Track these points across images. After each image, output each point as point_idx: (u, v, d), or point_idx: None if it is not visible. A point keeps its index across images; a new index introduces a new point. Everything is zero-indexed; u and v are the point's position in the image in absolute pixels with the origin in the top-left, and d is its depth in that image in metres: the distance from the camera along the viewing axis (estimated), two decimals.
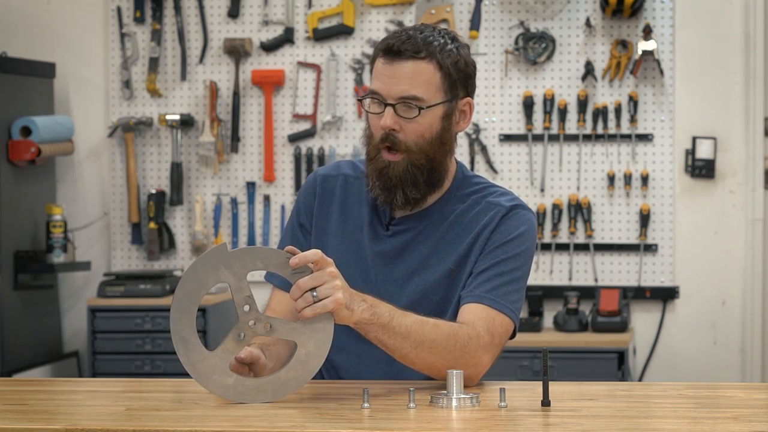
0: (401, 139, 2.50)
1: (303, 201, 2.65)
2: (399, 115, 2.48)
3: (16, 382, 2.67)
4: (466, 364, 2.39)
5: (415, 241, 2.55)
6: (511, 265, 2.51)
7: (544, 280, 5.18)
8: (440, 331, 2.38)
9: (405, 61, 2.48)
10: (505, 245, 2.52)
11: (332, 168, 2.67)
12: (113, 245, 5.42)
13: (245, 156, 5.34)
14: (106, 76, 5.42)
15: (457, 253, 2.53)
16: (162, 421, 2.08)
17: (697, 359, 5.12)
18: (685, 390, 2.41)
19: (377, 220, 2.58)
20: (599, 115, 5.14)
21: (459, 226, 2.55)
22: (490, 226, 2.53)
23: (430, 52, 2.48)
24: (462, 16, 5.21)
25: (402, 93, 2.48)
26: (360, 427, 2.03)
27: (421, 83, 2.48)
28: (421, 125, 2.50)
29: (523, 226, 2.54)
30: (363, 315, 2.29)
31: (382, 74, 2.49)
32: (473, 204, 2.57)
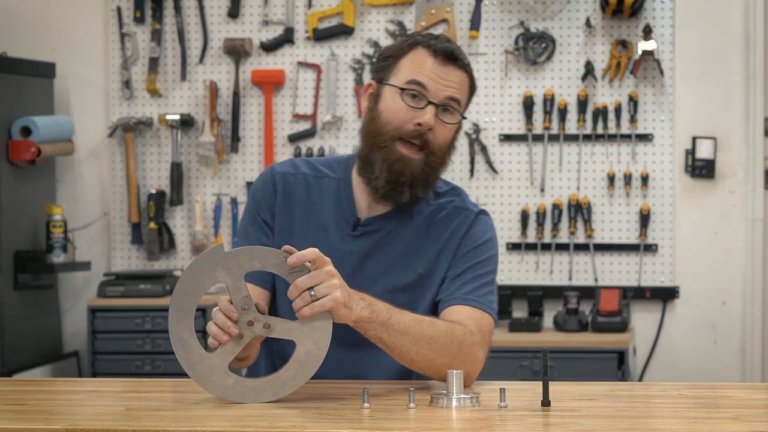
0: (431, 139, 2.52)
1: (262, 198, 2.61)
2: (437, 117, 2.51)
3: (16, 382, 2.67)
4: (464, 360, 2.41)
5: (383, 242, 2.56)
6: (486, 268, 2.57)
7: (544, 280, 5.19)
8: (437, 328, 2.41)
9: (457, 68, 2.54)
10: (477, 249, 2.57)
11: (289, 166, 2.64)
12: (113, 245, 5.42)
13: (245, 156, 5.34)
14: (106, 76, 5.42)
15: (427, 257, 2.56)
16: (162, 421, 2.08)
17: (697, 359, 5.12)
18: (685, 390, 2.41)
19: (343, 221, 2.58)
20: (599, 115, 5.14)
21: (427, 229, 2.58)
22: (460, 232, 2.58)
23: (469, 68, 2.57)
24: (462, 16, 5.21)
25: (451, 95, 2.52)
26: (360, 427, 2.03)
27: (463, 92, 2.56)
28: (449, 131, 2.55)
29: (490, 232, 2.61)
30: (362, 313, 2.30)
31: (434, 73, 2.51)
32: (438, 208, 2.60)
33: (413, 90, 2.51)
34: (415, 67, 2.52)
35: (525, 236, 5.18)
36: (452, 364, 2.38)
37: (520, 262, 5.20)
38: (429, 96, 2.50)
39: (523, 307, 5.16)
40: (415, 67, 2.52)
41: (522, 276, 5.20)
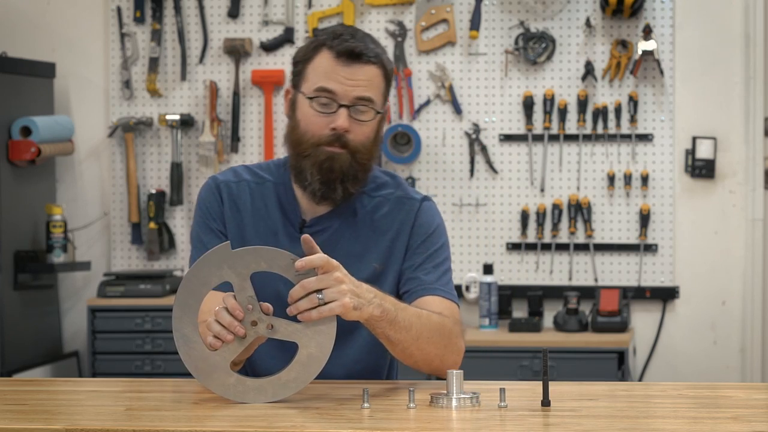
0: (351, 139, 2.52)
1: (209, 207, 2.61)
2: (351, 117, 2.51)
3: (16, 382, 2.67)
4: (452, 351, 2.47)
5: (331, 240, 2.56)
6: (442, 256, 2.61)
7: (544, 280, 5.19)
8: (432, 322, 2.44)
9: (363, 65, 2.52)
10: (430, 238, 2.60)
11: (231, 174, 2.64)
12: (113, 245, 5.42)
13: (245, 156, 5.34)
14: (106, 76, 5.42)
15: (379, 251, 2.58)
16: (162, 421, 2.08)
17: (697, 359, 5.12)
18: (685, 390, 2.41)
19: (289, 224, 2.58)
20: (599, 115, 5.14)
21: (374, 222, 2.59)
22: (408, 222, 2.60)
23: (379, 59, 2.54)
24: (462, 16, 5.21)
25: (360, 94, 2.51)
26: (360, 427, 2.03)
27: (375, 87, 2.54)
28: (368, 128, 2.54)
29: (437, 218, 2.64)
30: (373, 312, 2.31)
31: (338, 74, 2.50)
32: (383, 200, 2.61)
33: (322, 97, 2.51)
34: (321, 73, 2.51)
35: (525, 236, 5.18)
36: (443, 355, 2.44)
37: (520, 262, 5.20)
38: (338, 99, 2.50)
39: (523, 307, 5.16)
40: (321, 73, 2.51)
41: (522, 276, 5.20)
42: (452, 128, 5.23)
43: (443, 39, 5.22)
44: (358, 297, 2.28)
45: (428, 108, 5.24)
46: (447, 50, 5.23)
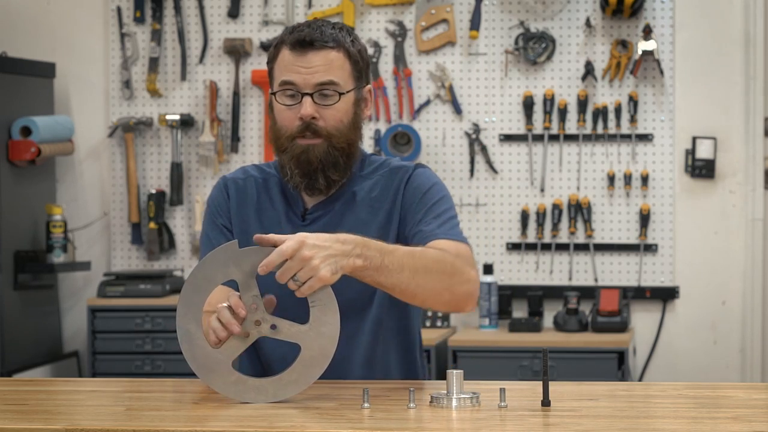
0: (321, 126, 2.56)
1: (217, 205, 2.68)
2: (317, 103, 2.54)
3: (16, 382, 2.67)
4: (460, 281, 2.45)
5: (332, 223, 2.58)
6: (443, 206, 2.60)
7: (544, 280, 5.18)
8: (429, 256, 2.43)
9: (317, 50, 2.55)
10: (426, 195, 2.60)
11: (239, 172, 2.72)
12: (113, 245, 5.42)
13: (245, 156, 5.34)
14: (106, 76, 5.42)
15: (378, 221, 2.59)
16: (162, 421, 2.08)
17: (697, 359, 5.12)
18: (685, 390, 2.41)
19: (292, 213, 2.63)
20: (599, 115, 5.14)
21: (372, 200, 2.62)
22: (401, 187, 2.61)
23: (338, 42, 2.57)
24: (462, 16, 5.21)
25: (319, 80, 2.54)
26: (360, 427, 2.03)
27: (335, 69, 2.56)
28: (339, 111, 2.56)
29: (433, 178, 2.64)
30: (355, 264, 2.31)
31: (295, 65, 2.54)
32: (379, 178, 2.64)
33: (286, 90, 2.55)
34: (282, 68, 2.56)
35: (525, 236, 5.18)
36: (451, 286, 2.42)
37: (520, 262, 5.20)
38: (300, 89, 2.54)
39: (523, 307, 5.16)
40: (282, 68, 2.56)
41: (522, 276, 5.20)
42: (452, 128, 5.23)
43: (443, 39, 5.22)
44: (333, 257, 2.27)
45: (428, 108, 5.24)
46: (447, 50, 5.23)
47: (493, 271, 5.08)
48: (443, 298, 2.45)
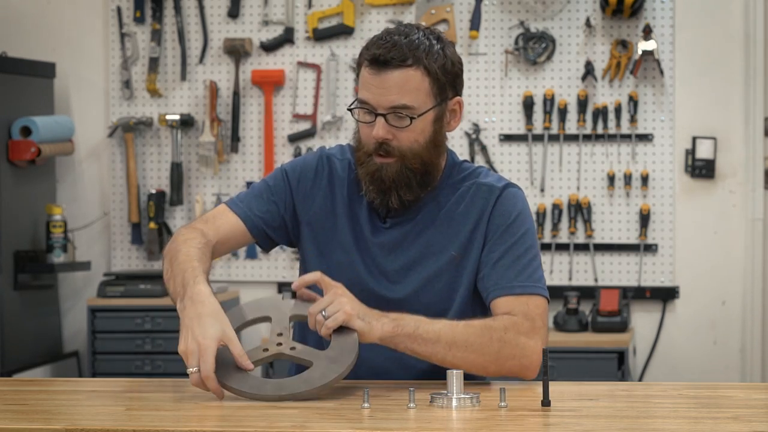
0: (395, 146, 2.51)
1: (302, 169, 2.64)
2: (390, 125, 2.49)
3: (16, 382, 2.67)
4: (511, 355, 2.41)
5: (414, 231, 2.57)
6: (524, 246, 2.52)
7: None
8: (472, 329, 2.41)
9: (392, 70, 2.46)
10: (510, 228, 2.53)
11: (338, 150, 2.67)
12: (113, 245, 5.42)
13: (245, 156, 5.34)
14: (106, 76, 5.42)
15: (459, 240, 2.55)
16: (162, 421, 2.08)
17: (697, 359, 5.12)
18: (685, 390, 2.41)
19: (374, 212, 2.59)
20: (599, 115, 5.14)
21: (456, 212, 2.57)
22: (488, 209, 2.54)
23: (417, 58, 2.47)
24: (462, 16, 5.21)
25: (392, 103, 2.47)
26: (360, 427, 2.03)
27: (411, 91, 2.48)
28: (414, 132, 2.50)
29: (520, 204, 2.56)
30: (385, 329, 2.35)
31: (371, 84, 2.48)
32: (465, 190, 2.58)
33: (362, 108, 2.51)
34: (362, 83, 2.52)
35: None
36: (497, 360, 2.40)
37: None
38: (374, 109, 2.49)
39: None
40: (362, 83, 2.52)
41: None
42: None
43: None
44: (364, 311, 2.35)
45: None
46: None
47: None
48: (489, 370, 2.43)
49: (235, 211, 2.60)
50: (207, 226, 2.58)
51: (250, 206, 2.61)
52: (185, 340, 2.28)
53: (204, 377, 2.23)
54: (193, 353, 2.25)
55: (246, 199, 2.62)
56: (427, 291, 2.53)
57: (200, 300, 2.33)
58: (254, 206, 2.61)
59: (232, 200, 2.63)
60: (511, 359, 2.41)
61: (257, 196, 2.62)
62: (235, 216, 2.60)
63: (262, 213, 2.60)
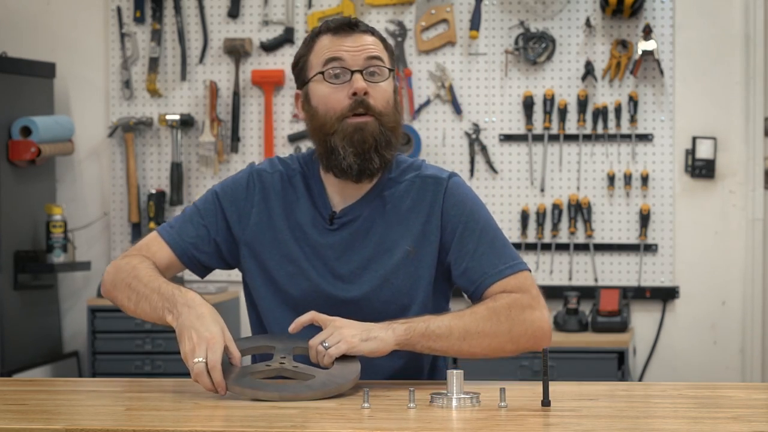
0: (372, 104, 2.52)
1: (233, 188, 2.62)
2: (366, 80, 2.52)
3: (16, 382, 2.67)
4: (523, 331, 2.46)
5: (363, 229, 2.57)
6: (491, 230, 2.58)
7: (544, 280, 5.18)
8: (479, 315, 2.44)
9: (361, 33, 2.55)
10: (472, 216, 2.58)
11: (267, 164, 2.66)
12: (113, 245, 5.42)
13: (245, 156, 5.34)
14: (106, 76, 5.42)
15: (412, 234, 2.56)
16: (162, 421, 2.08)
17: (697, 359, 5.12)
18: (685, 390, 2.41)
19: (319, 215, 2.59)
20: (599, 115, 5.14)
21: (403, 206, 2.58)
22: (438, 201, 2.57)
23: (374, 31, 2.59)
24: (462, 16, 5.21)
25: (369, 54, 2.53)
26: (360, 427, 2.03)
27: (380, 49, 2.56)
28: (386, 90, 2.55)
29: (468, 192, 2.62)
30: (398, 334, 2.37)
31: (342, 45, 2.53)
32: (409, 184, 2.59)
33: (333, 68, 2.52)
34: (325, 50, 2.54)
35: (525, 236, 5.18)
36: (511, 338, 2.44)
37: None
38: (349, 66, 2.52)
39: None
40: (325, 50, 2.54)
41: None
42: (452, 128, 5.23)
43: (443, 39, 5.22)
44: (368, 330, 2.36)
45: (428, 108, 5.24)
46: (447, 50, 5.23)
47: None
48: (506, 349, 2.46)
49: (165, 239, 2.60)
50: (145, 254, 2.58)
51: (180, 232, 2.60)
52: (189, 339, 2.29)
53: (211, 367, 2.25)
54: (200, 345, 2.27)
55: (176, 225, 2.61)
56: (385, 288, 2.54)
57: (196, 304, 2.36)
58: (184, 232, 2.60)
59: (164, 227, 2.62)
60: (523, 335, 2.45)
61: (187, 221, 2.61)
62: (165, 245, 2.59)
63: (192, 238, 2.59)
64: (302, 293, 2.53)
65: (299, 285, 2.54)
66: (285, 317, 2.54)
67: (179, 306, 2.36)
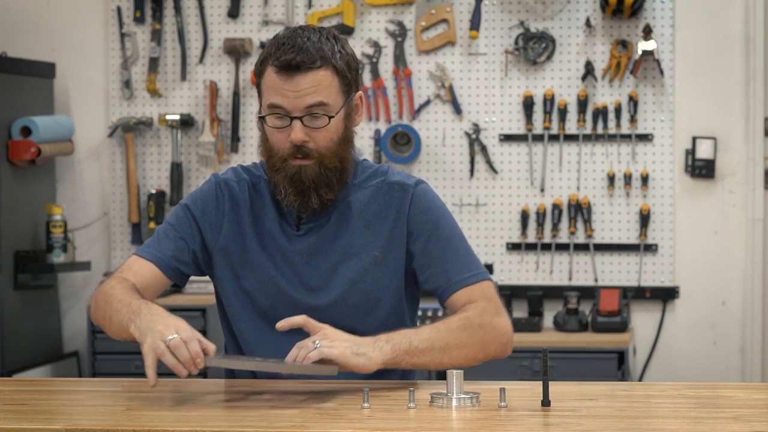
0: (312, 148, 2.52)
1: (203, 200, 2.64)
2: (306, 126, 2.50)
3: (16, 382, 2.67)
4: (492, 338, 2.49)
5: (329, 234, 2.58)
6: (457, 238, 2.61)
7: (544, 280, 5.18)
8: (453, 326, 2.46)
9: (304, 73, 2.48)
10: (438, 223, 2.59)
11: (231, 173, 2.67)
12: (113, 245, 5.42)
13: (245, 156, 5.34)
14: (106, 76, 5.42)
15: (379, 239, 2.58)
16: (162, 421, 2.08)
17: (697, 359, 5.12)
18: (685, 390, 2.41)
19: (285, 222, 2.60)
20: (599, 115, 5.14)
21: (370, 212, 2.60)
22: (405, 207, 2.59)
23: (325, 59, 2.50)
24: (462, 16, 5.21)
25: (308, 103, 2.49)
26: (360, 427, 2.03)
27: (323, 90, 2.50)
28: (329, 131, 2.52)
29: (436, 199, 2.63)
30: (385, 354, 2.36)
31: (283, 89, 2.49)
32: (376, 190, 2.61)
33: (276, 113, 2.51)
34: (269, 89, 2.51)
35: (525, 236, 5.18)
36: (484, 346, 2.46)
37: (520, 262, 5.20)
38: (289, 113, 2.50)
39: (523, 307, 5.16)
40: (269, 89, 2.51)
41: (522, 276, 5.20)
42: (452, 128, 5.23)
43: (443, 39, 5.22)
44: (357, 344, 2.35)
45: (428, 108, 5.24)
46: (447, 50, 5.23)
47: (493, 271, 5.09)
48: (478, 358, 2.49)
49: (146, 258, 2.61)
50: (126, 275, 2.59)
51: (159, 249, 2.61)
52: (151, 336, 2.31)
53: (187, 339, 2.26)
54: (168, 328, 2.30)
55: (153, 244, 2.63)
56: (353, 293, 2.56)
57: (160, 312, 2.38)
58: (163, 248, 2.61)
59: (141, 249, 2.64)
60: (493, 343, 2.48)
61: (163, 238, 2.63)
62: (147, 262, 2.61)
63: (172, 251, 2.61)
64: (271, 301, 2.57)
65: (268, 292, 2.58)
66: (255, 325, 2.58)
67: (142, 314, 2.38)
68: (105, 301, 2.51)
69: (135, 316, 2.39)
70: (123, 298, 2.46)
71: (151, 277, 2.60)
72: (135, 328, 2.36)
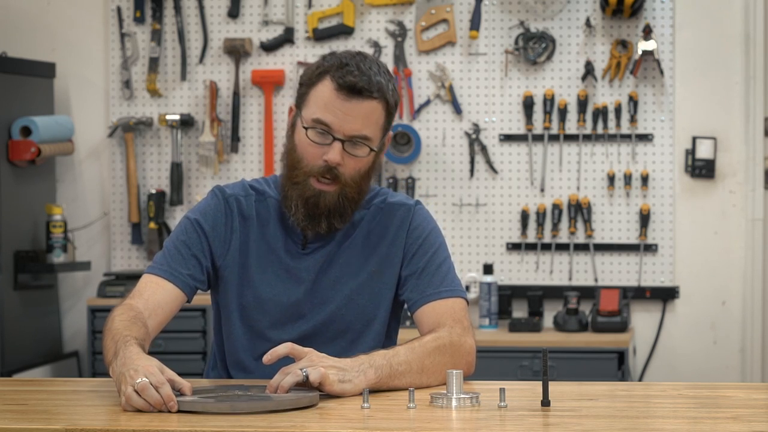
0: (341, 172, 2.53)
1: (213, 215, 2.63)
2: (345, 151, 2.52)
3: (16, 382, 2.67)
4: (461, 356, 2.50)
5: (331, 253, 2.61)
6: (441, 256, 2.64)
7: (544, 280, 5.18)
8: (428, 346, 2.46)
9: (362, 100, 2.50)
10: (426, 241, 2.64)
11: (239, 189, 2.67)
12: (113, 245, 5.42)
13: (245, 156, 5.34)
14: (106, 76, 5.42)
15: (377, 255, 2.62)
16: (162, 421, 2.08)
17: (697, 359, 5.12)
18: (685, 390, 2.41)
19: (291, 240, 2.62)
20: (599, 115, 5.14)
21: (371, 230, 2.63)
22: (405, 226, 2.63)
23: (381, 93, 2.52)
24: (462, 16, 5.21)
25: (354, 132, 2.51)
26: (360, 427, 2.03)
27: (372, 123, 2.53)
28: (360, 162, 2.55)
29: (431, 221, 2.68)
30: (369, 379, 2.33)
31: (336, 108, 2.50)
32: (377, 210, 2.65)
33: (320, 129, 2.51)
34: (320, 103, 2.51)
35: (525, 236, 5.18)
36: (454, 366, 2.45)
37: (520, 262, 5.20)
38: (334, 133, 2.50)
39: (523, 307, 5.16)
40: (320, 103, 2.51)
41: (522, 276, 5.20)
42: (452, 128, 5.23)
43: (443, 39, 5.22)
44: (343, 371, 2.30)
45: (428, 108, 5.24)
46: (447, 50, 5.23)
47: (493, 271, 5.08)
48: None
49: (163, 276, 2.57)
50: (134, 301, 2.53)
51: (173, 267, 2.58)
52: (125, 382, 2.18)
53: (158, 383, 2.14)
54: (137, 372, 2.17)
55: (166, 262, 2.59)
56: (350, 308, 2.60)
57: (132, 355, 2.26)
58: (177, 266, 2.58)
59: (153, 267, 2.59)
60: (462, 364, 2.48)
61: (176, 255, 2.59)
62: (162, 280, 2.57)
63: (189, 270, 2.58)
64: (270, 318, 2.58)
65: (268, 310, 2.59)
66: (253, 342, 2.59)
67: (117, 359, 2.28)
68: (107, 330, 2.46)
69: (114, 358, 2.31)
70: (116, 334, 2.38)
71: (167, 296, 2.56)
72: (112, 371, 2.30)
